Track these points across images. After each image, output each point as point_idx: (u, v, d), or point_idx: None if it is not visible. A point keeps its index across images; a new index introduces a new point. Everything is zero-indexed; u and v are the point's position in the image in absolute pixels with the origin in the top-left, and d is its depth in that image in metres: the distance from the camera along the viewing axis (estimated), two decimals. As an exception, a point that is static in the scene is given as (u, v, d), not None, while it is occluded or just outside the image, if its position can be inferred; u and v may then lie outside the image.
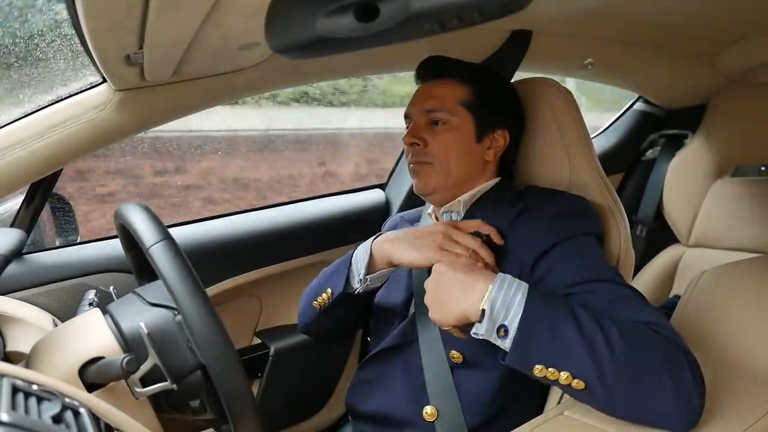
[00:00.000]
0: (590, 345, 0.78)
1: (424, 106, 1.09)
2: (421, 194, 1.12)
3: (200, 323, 0.77)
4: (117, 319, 0.89)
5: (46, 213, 1.37)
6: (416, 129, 1.09)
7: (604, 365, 0.77)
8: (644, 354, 0.79)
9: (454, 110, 1.08)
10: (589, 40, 1.49)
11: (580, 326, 0.80)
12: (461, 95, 1.08)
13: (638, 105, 2.15)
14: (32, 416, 0.57)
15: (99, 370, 0.81)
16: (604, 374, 0.77)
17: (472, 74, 1.11)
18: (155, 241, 0.81)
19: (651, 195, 2.11)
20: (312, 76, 1.37)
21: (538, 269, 0.96)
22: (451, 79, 1.10)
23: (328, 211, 1.73)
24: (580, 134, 1.13)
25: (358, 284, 1.08)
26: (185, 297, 0.77)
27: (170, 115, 1.21)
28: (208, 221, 1.60)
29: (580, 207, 1.04)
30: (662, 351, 0.79)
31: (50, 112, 1.10)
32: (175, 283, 0.78)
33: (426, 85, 1.13)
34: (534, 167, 1.18)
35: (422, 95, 1.12)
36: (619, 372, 0.77)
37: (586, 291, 0.90)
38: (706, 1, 1.23)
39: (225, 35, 0.91)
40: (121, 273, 1.37)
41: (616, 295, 0.89)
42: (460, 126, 1.08)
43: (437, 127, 1.08)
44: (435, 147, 1.07)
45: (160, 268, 0.79)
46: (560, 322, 0.80)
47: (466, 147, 1.08)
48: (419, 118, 1.10)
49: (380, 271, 1.07)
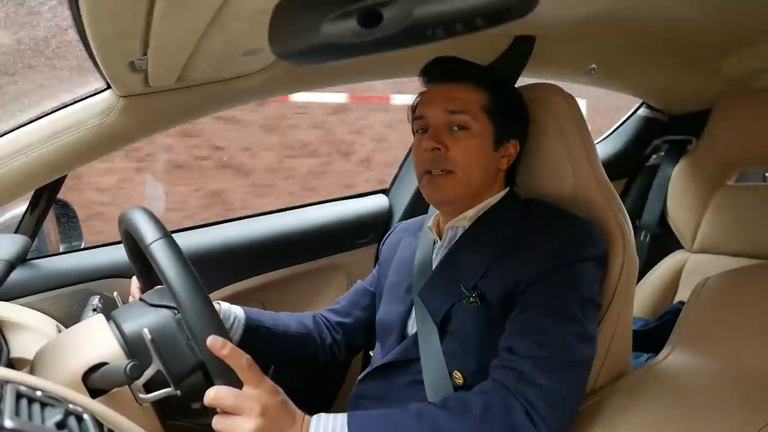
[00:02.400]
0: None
1: (447, 106, 1.04)
2: (437, 204, 1.09)
3: (198, 318, 0.77)
4: (121, 325, 0.89)
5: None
6: (437, 133, 1.04)
7: None
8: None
9: (477, 115, 1.04)
10: (593, 46, 1.49)
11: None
12: (482, 101, 1.05)
13: (642, 110, 2.14)
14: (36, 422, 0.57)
15: (103, 376, 0.81)
16: None
17: (489, 80, 1.07)
18: (154, 238, 0.82)
19: (655, 201, 2.11)
20: (315, 82, 1.37)
21: (523, 296, 0.95)
22: (468, 83, 1.05)
23: (330, 217, 1.73)
24: (584, 140, 1.13)
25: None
26: (183, 292, 0.78)
27: (174, 121, 1.21)
28: (211, 227, 1.60)
29: (580, 231, 1.02)
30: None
31: (54, 118, 1.10)
32: (172, 278, 0.78)
33: (440, 86, 1.07)
34: (537, 174, 1.18)
35: (441, 96, 1.06)
36: None
37: (530, 335, 0.91)
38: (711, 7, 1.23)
39: (229, 41, 0.91)
40: (125, 279, 1.37)
41: (539, 352, 0.89)
42: (481, 132, 1.04)
43: (458, 132, 1.03)
44: (457, 153, 1.03)
45: (158, 263, 0.80)
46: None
47: (486, 154, 1.05)
48: (438, 120, 1.04)
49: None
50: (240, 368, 0.78)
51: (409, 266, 1.16)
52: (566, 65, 1.60)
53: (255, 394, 0.78)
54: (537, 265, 0.96)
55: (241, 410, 0.77)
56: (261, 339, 1.17)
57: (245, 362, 0.79)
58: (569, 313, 0.93)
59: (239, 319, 1.16)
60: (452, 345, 1.01)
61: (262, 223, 1.64)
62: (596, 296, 1.00)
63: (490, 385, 0.88)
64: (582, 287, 0.97)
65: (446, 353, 1.01)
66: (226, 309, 1.15)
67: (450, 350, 1.01)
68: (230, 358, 0.78)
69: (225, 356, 0.77)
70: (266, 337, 1.18)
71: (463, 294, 1.00)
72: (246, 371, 0.79)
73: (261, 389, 0.79)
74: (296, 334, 1.23)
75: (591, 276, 0.99)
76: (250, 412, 0.77)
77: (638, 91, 1.99)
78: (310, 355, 1.24)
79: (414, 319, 1.10)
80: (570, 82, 1.71)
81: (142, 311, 0.92)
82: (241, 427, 0.77)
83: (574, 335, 0.92)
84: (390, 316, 1.15)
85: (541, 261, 0.96)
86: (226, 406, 0.77)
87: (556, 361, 0.89)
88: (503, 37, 1.37)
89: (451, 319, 1.02)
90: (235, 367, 0.78)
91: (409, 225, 1.31)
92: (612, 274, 1.07)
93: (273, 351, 1.19)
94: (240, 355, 0.78)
